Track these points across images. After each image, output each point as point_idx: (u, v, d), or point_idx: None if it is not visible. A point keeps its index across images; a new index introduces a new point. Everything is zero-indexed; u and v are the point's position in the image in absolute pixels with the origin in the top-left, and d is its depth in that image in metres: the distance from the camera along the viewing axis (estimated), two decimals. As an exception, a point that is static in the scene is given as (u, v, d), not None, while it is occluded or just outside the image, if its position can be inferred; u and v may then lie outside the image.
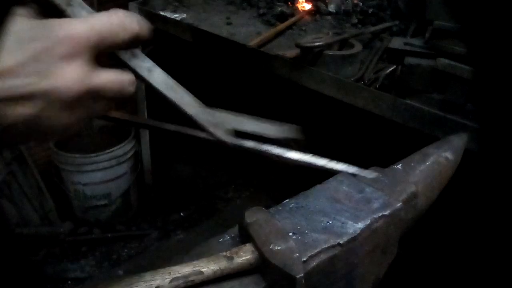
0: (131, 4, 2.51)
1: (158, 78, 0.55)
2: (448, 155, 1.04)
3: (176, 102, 0.57)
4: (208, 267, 0.67)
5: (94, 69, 0.48)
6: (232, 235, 0.79)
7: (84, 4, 0.49)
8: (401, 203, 0.87)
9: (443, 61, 1.42)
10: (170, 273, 0.65)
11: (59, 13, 0.48)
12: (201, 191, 3.17)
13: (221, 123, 0.62)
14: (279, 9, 2.30)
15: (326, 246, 0.75)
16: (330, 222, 0.81)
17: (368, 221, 0.81)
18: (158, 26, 2.43)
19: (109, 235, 2.79)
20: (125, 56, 0.52)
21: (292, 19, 2.20)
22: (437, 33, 1.50)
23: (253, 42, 1.95)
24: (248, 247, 0.71)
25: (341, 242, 0.77)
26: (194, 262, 0.68)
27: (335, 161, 0.81)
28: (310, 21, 2.23)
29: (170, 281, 0.65)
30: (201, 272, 0.67)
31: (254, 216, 0.75)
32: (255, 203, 0.74)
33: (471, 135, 1.21)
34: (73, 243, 2.70)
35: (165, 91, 0.55)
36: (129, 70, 0.53)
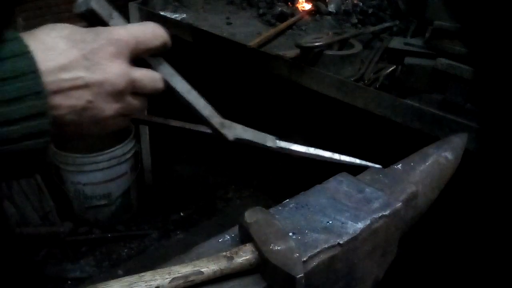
0: (131, 4, 2.51)
1: (179, 82, 0.64)
2: (448, 155, 1.04)
3: (193, 104, 0.66)
4: (208, 267, 0.67)
5: (132, 67, 0.57)
6: (232, 235, 0.79)
7: (121, 17, 0.59)
8: (401, 203, 0.87)
9: (443, 61, 1.42)
10: (170, 273, 0.65)
11: (103, 24, 0.57)
12: (201, 191, 3.17)
13: (227, 125, 0.72)
14: (279, 9, 2.30)
15: (326, 246, 0.75)
16: (330, 222, 0.81)
17: (368, 221, 0.81)
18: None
19: (109, 235, 2.79)
20: (152, 62, 0.61)
21: (292, 19, 2.20)
22: (437, 33, 1.50)
23: (253, 42, 1.95)
24: (248, 247, 0.71)
25: (341, 242, 0.77)
26: (194, 262, 0.68)
27: (339, 154, 0.82)
28: (310, 21, 2.23)
29: (170, 281, 0.65)
30: (201, 272, 0.67)
31: (254, 216, 0.75)
32: (255, 203, 0.74)
33: (471, 135, 1.21)
34: (73, 243, 2.70)
35: (185, 94, 0.64)
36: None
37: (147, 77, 0.59)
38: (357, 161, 0.89)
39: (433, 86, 1.49)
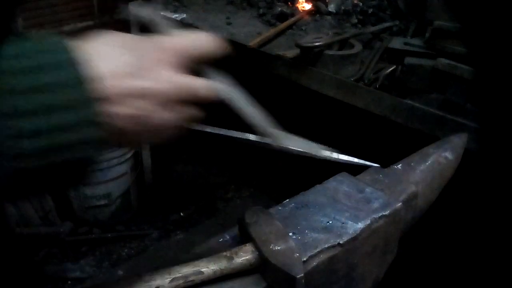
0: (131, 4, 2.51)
1: (233, 92, 0.66)
2: (448, 155, 1.05)
3: (245, 112, 0.67)
4: (208, 267, 0.67)
5: (183, 75, 0.57)
6: (232, 235, 0.79)
7: (173, 27, 0.61)
8: (401, 203, 0.87)
9: (443, 61, 1.42)
10: (170, 273, 0.66)
11: (154, 32, 0.59)
12: (201, 191, 3.17)
13: (276, 134, 0.72)
14: (279, 9, 2.30)
15: (326, 246, 0.75)
16: (330, 222, 0.81)
17: (368, 221, 0.81)
18: (158, 26, 2.42)
19: (109, 235, 2.79)
20: (205, 70, 0.62)
21: (292, 19, 2.20)
22: (437, 33, 1.50)
23: (253, 42, 1.95)
24: (248, 247, 0.71)
25: (341, 242, 0.77)
26: (194, 262, 0.68)
27: (337, 153, 0.81)
28: (310, 21, 2.23)
29: (170, 281, 0.65)
30: (201, 272, 0.67)
31: (254, 216, 0.75)
32: (255, 203, 0.74)
33: (471, 135, 1.21)
34: (73, 243, 2.70)
35: (236, 102, 0.66)
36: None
37: (201, 85, 0.59)
38: (355, 160, 0.89)
39: (433, 86, 1.49)
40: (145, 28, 0.59)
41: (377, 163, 0.98)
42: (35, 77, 0.45)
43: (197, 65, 0.61)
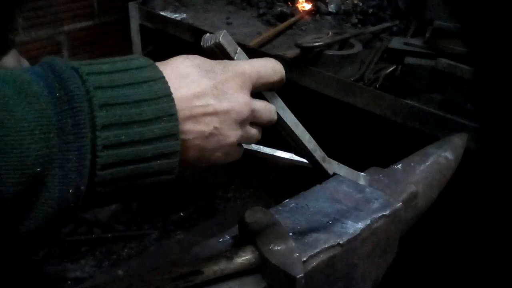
0: (131, 4, 2.51)
1: (289, 116, 0.67)
2: (448, 155, 1.05)
3: (300, 137, 0.68)
4: (208, 267, 0.67)
5: (253, 98, 0.61)
6: (232, 235, 0.79)
7: (244, 53, 0.63)
8: (401, 203, 0.87)
9: (443, 61, 1.42)
10: (170, 273, 0.65)
11: (227, 58, 0.62)
12: (201, 191, 3.17)
13: (327, 160, 0.72)
14: (279, 9, 2.30)
15: (326, 246, 0.76)
16: (330, 222, 0.81)
17: (368, 221, 0.81)
18: (158, 26, 2.42)
19: (109, 235, 2.79)
20: (267, 94, 0.64)
21: (292, 19, 2.20)
22: (437, 33, 1.50)
23: (253, 42, 1.95)
24: (248, 247, 0.71)
25: (341, 242, 0.77)
26: (194, 262, 0.68)
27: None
28: (310, 21, 2.23)
29: (170, 281, 0.65)
30: (201, 272, 0.67)
31: (254, 216, 0.75)
32: (255, 203, 0.74)
33: (471, 135, 1.21)
34: (73, 243, 2.69)
35: (293, 127, 0.68)
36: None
37: (265, 108, 0.63)
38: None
39: (433, 86, 1.49)
40: (220, 54, 0.62)
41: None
42: (127, 92, 0.49)
43: (264, 90, 0.64)
